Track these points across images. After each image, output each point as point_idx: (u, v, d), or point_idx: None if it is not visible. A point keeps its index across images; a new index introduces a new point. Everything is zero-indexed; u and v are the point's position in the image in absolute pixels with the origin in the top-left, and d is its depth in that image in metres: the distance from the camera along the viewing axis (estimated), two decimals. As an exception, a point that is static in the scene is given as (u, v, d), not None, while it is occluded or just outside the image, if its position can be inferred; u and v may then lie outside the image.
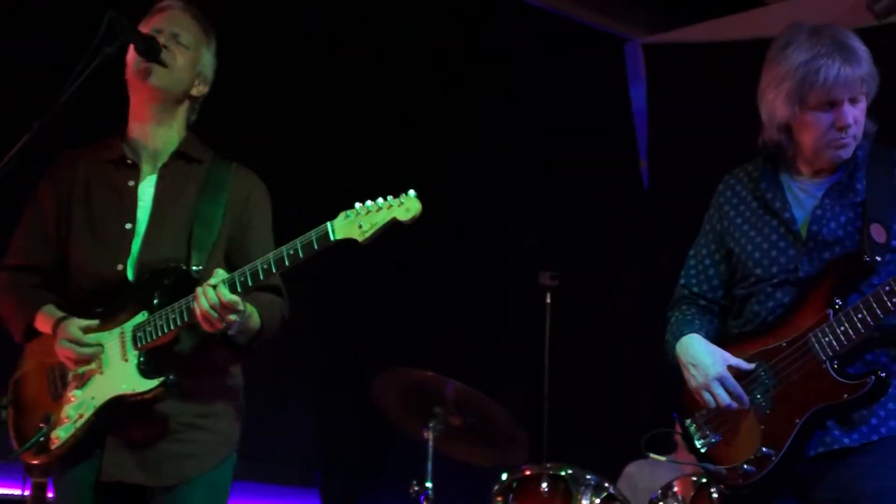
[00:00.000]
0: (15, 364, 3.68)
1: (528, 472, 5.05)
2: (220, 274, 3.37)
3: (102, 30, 3.32)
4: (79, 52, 3.31)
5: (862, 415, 3.29)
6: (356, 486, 6.40)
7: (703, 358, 3.44)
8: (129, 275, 3.53)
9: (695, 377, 3.44)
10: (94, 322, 3.52)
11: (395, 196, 3.28)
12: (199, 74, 3.69)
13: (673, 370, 3.64)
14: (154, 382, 3.41)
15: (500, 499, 5.04)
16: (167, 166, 3.66)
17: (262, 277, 3.35)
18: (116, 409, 3.46)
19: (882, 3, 6.17)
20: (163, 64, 3.58)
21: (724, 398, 3.38)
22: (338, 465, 6.37)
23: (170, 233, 3.57)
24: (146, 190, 3.64)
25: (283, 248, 3.33)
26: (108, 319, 3.52)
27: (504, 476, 5.09)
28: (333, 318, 6.29)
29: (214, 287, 3.33)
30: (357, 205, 3.29)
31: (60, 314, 3.54)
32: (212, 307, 3.33)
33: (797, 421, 3.31)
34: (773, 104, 3.46)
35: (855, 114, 3.37)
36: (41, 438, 3.47)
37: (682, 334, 3.53)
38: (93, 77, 3.31)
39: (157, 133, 3.67)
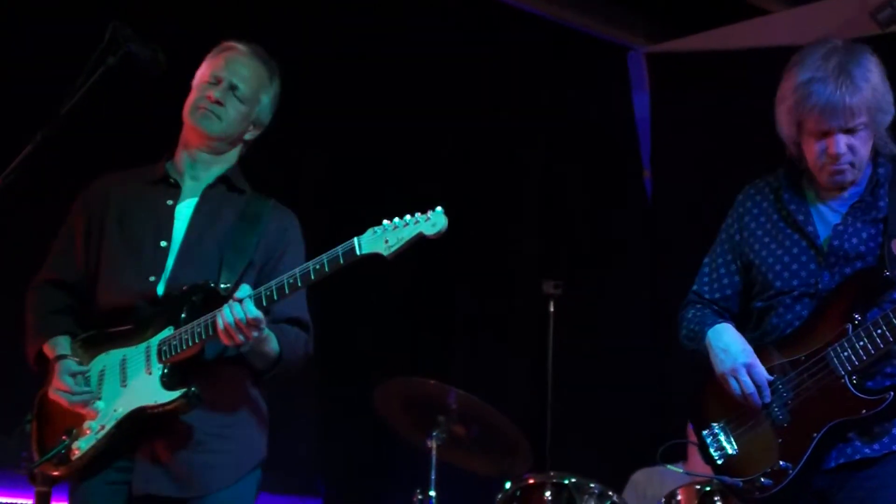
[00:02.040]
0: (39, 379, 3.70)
1: (531, 481, 5.05)
2: (245, 288, 3.39)
3: (106, 40, 3.32)
4: (83, 63, 3.32)
5: (884, 426, 3.31)
6: (359, 496, 6.39)
7: (735, 345, 3.45)
8: (160, 291, 3.56)
9: (724, 362, 3.44)
10: (85, 368, 3.56)
11: (423, 212, 3.32)
12: (254, 122, 3.76)
13: (681, 379, 3.64)
14: (176, 394, 3.43)
15: (503, 507, 5.04)
16: (211, 187, 3.71)
17: (287, 292, 3.37)
18: (139, 422, 3.48)
19: (885, 13, 6.16)
20: (216, 116, 3.64)
21: (749, 385, 3.38)
22: (341, 475, 6.36)
23: (203, 253, 3.61)
24: (184, 210, 3.68)
25: (310, 263, 3.36)
26: (136, 334, 3.55)
27: (508, 485, 5.08)
28: (337, 328, 6.28)
29: (240, 301, 3.35)
30: (385, 221, 3.33)
31: (60, 352, 3.59)
32: (236, 322, 3.34)
33: (814, 435, 3.31)
34: (780, 120, 3.47)
35: (851, 142, 3.35)
36: (62, 450, 3.50)
37: (716, 322, 3.53)
38: (95, 87, 3.31)
39: (205, 163, 3.75)
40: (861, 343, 3.27)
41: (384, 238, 3.30)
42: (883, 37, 6.00)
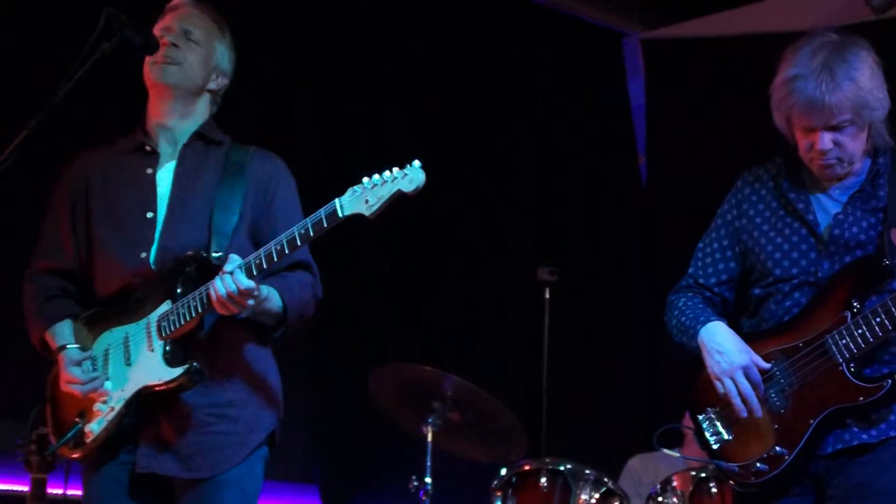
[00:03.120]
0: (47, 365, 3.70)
1: (527, 468, 5.05)
2: (234, 259, 3.38)
3: (100, 26, 3.31)
4: (76, 49, 3.30)
5: (881, 413, 3.31)
6: (355, 482, 6.41)
7: (730, 346, 3.43)
8: (153, 263, 3.55)
9: (719, 363, 3.42)
10: (86, 354, 3.55)
11: (401, 168, 3.30)
12: (214, 68, 3.72)
13: (677, 365, 3.64)
14: (178, 370, 3.43)
15: (499, 494, 5.04)
16: (187, 146, 3.68)
17: (276, 259, 3.36)
18: (146, 401, 3.49)
19: (880, -1, 6.15)
20: (173, 61, 3.61)
21: (746, 387, 3.38)
22: (336, 461, 6.37)
23: (190, 219, 3.58)
24: (165, 176, 3.66)
25: (294, 228, 3.34)
26: (136, 311, 3.55)
27: (503, 471, 5.09)
28: (331, 313, 6.27)
29: (231, 273, 3.34)
30: (364, 179, 3.31)
31: (59, 342, 3.58)
32: (229, 294, 3.34)
33: (811, 422, 3.32)
34: (773, 112, 3.47)
35: (837, 138, 3.34)
36: (76, 433, 3.52)
37: (708, 319, 3.51)
38: (90, 73, 3.30)
39: (177, 126, 3.70)
40: (860, 331, 3.27)
41: (364, 198, 3.28)
42: (878, 22, 5.99)
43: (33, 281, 3.73)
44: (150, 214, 3.60)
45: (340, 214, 3.30)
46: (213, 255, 3.51)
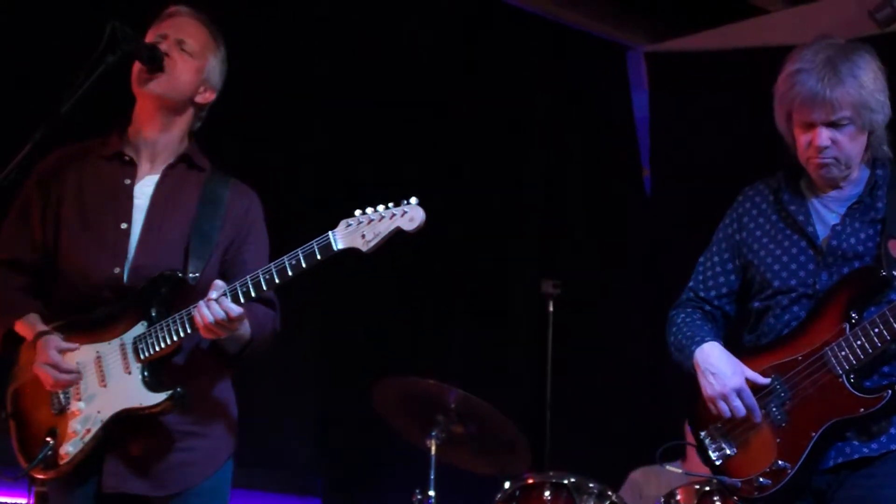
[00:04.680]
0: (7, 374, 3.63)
1: (530, 481, 5.05)
2: (219, 286, 3.34)
3: (105, 39, 3.31)
4: (81, 62, 3.31)
5: (882, 425, 3.31)
6: (358, 495, 6.39)
7: (723, 368, 3.44)
8: (125, 278, 3.48)
9: (712, 385, 3.43)
10: (74, 345, 3.47)
11: (397, 204, 3.25)
12: (204, 81, 3.65)
13: (679, 377, 3.64)
14: (162, 396, 3.39)
15: (502, 507, 5.04)
16: (173, 167, 3.63)
17: (264, 288, 3.32)
18: (123, 423, 3.43)
19: (884, 12, 6.16)
20: (163, 70, 3.55)
21: (740, 409, 3.39)
22: (340, 474, 6.36)
23: (166, 238, 3.53)
24: (143, 190, 3.60)
25: (285, 258, 3.30)
26: (106, 327, 3.48)
27: (507, 484, 5.08)
28: (335, 326, 6.29)
29: (217, 300, 3.31)
30: (357, 212, 3.27)
31: (42, 328, 3.49)
32: (217, 321, 3.30)
33: (813, 434, 3.32)
34: (775, 112, 3.48)
35: (835, 137, 3.35)
36: (48, 452, 3.44)
37: (703, 340, 3.52)
38: (95, 87, 3.31)
39: (160, 137, 3.64)
40: (858, 342, 3.27)
41: (360, 232, 3.24)
42: (882, 36, 6.00)
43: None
44: (123, 225, 3.53)
45: (335, 248, 3.26)
46: (190, 275, 3.47)
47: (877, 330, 3.25)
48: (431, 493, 5.07)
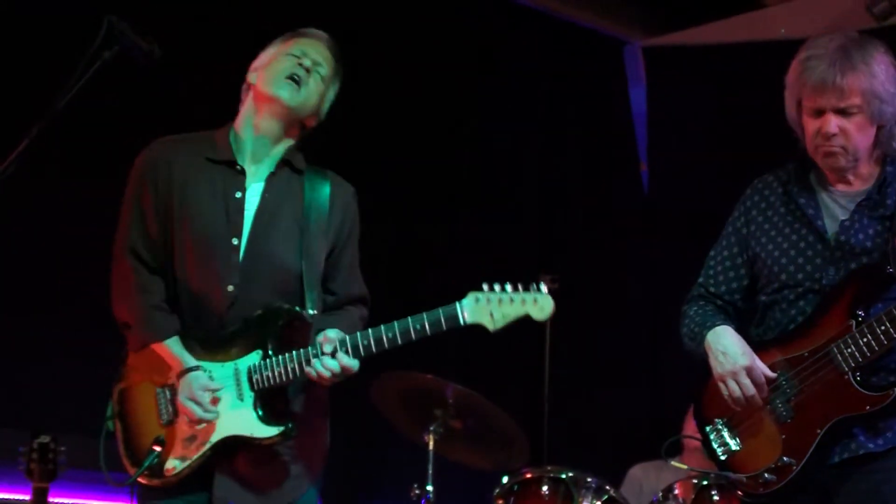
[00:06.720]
0: (117, 373, 3.65)
1: (528, 475, 5.05)
2: (333, 338, 3.42)
3: (101, 34, 3.31)
4: (78, 57, 3.30)
5: (888, 422, 3.31)
6: (356, 490, 6.39)
7: (734, 347, 3.44)
8: (234, 295, 3.51)
9: (722, 364, 3.44)
10: (218, 386, 3.49)
11: (526, 287, 3.39)
12: (319, 108, 3.74)
13: (678, 372, 3.64)
14: (274, 431, 3.45)
15: (500, 502, 5.04)
16: (275, 175, 3.67)
17: (386, 347, 3.42)
18: (232, 446, 3.48)
19: (881, 6, 6.17)
20: (303, 84, 3.62)
21: (749, 388, 3.39)
22: (338, 469, 6.34)
23: (272, 254, 3.57)
24: (251, 200, 3.63)
25: (410, 321, 3.41)
26: (219, 348, 3.53)
27: (505, 479, 5.08)
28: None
29: (333, 354, 3.39)
30: (485, 287, 3.39)
31: (191, 363, 3.51)
32: (333, 375, 3.41)
33: (818, 431, 3.32)
34: (786, 101, 3.48)
35: (844, 125, 3.35)
36: (155, 461, 3.47)
37: (714, 324, 3.53)
38: (91, 81, 3.30)
39: (268, 147, 3.69)
40: (865, 339, 3.27)
41: (489, 311, 3.37)
42: (879, 30, 6.00)
43: (132, 265, 3.61)
44: (235, 241, 3.56)
45: (461, 322, 3.38)
46: (309, 311, 3.53)
47: (883, 327, 3.25)
48: (429, 487, 5.07)
